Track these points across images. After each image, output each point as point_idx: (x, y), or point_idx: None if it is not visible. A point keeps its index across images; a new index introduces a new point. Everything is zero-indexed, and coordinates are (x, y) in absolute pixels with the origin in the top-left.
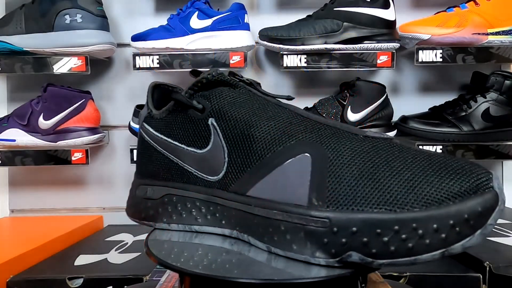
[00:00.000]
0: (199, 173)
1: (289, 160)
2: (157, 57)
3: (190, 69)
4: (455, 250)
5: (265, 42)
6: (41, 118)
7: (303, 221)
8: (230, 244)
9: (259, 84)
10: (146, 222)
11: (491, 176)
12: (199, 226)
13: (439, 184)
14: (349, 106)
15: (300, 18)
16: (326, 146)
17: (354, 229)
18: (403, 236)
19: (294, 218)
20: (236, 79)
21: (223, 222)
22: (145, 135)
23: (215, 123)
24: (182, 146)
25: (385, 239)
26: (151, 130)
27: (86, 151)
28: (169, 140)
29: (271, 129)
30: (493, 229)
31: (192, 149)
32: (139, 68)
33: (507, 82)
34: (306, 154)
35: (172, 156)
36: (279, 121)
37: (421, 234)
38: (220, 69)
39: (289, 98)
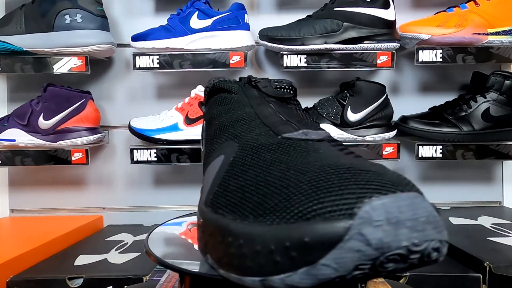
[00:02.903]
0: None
1: (214, 160)
2: (157, 57)
3: (190, 69)
4: (274, 284)
5: (265, 42)
6: (41, 118)
7: (197, 218)
8: None
9: (284, 83)
10: None
11: (373, 197)
12: None
13: (281, 198)
14: (349, 106)
15: (300, 18)
16: (240, 147)
17: (208, 232)
18: (232, 250)
19: (197, 214)
20: (233, 84)
21: None
22: None
23: (204, 126)
24: (200, 144)
25: (223, 249)
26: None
27: (86, 151)
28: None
29: (218, 129)
30: (493, 229)
31: (202, 147)
32: (139, 68)
33: (507, 82)
34: (222, 155)
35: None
36: (230, 122)
37: (244, 253)
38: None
39: (290, 96)
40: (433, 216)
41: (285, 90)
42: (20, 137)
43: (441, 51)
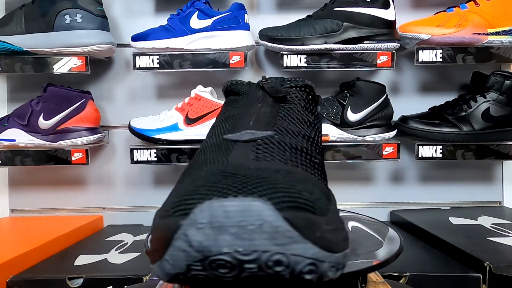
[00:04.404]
0: None
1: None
2: (157, 57)
3: (190, 69)
4: (153, 271)
5: (265, 42)
6: (41, 118)
7: None
8: None
9: (296, 81)
10: None
11: (209, 200)
12: None
13: (171, 196)
14: (349, 106)
15: (300, 18)
16: (201, 147)
17: None
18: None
19: None
20: (242, 86)
21: None
22: None
23: None
24: None
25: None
26: None
27: (86, 151)
28: None
29: (210, 129)
30: (493, 229)
31: None
32: (139, 68)
33: (507, 82)
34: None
35: None
36: (217, 123)
37: (149, 240)
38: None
39: (283, 95)
40: (272, 226)
41: (288, 88)
42: (20, 137)
43: (441, 51)
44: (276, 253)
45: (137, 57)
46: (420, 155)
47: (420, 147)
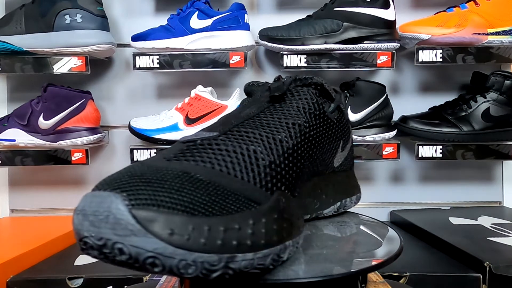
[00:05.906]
0: None
1: None
2: (157, 57)
3: (190, 69)
4: None
5: (265, 42)
6: (41, 118)
7: None
8: None
9: (302, 81)
10: None
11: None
12: None
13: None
14: (349, 106)
15: (300, 18)
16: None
17: None
18: None
19: None
20: (255, 87)
21: None
22: None
23: None
24: None
25: None
26: None
27: (86, 151)
28: None
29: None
30: (493, 229)
31: None
32: (139, 68)
33: (507, 82)
34: None
35: None
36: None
37: None
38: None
39: (281, 93)
40: (116, 218)
41: (295, 87)
42: (20, 137)
43: (441, 51)
44: (116, 242)
45: (137, 57)
46: (420, 155)
47: (420, 147)
